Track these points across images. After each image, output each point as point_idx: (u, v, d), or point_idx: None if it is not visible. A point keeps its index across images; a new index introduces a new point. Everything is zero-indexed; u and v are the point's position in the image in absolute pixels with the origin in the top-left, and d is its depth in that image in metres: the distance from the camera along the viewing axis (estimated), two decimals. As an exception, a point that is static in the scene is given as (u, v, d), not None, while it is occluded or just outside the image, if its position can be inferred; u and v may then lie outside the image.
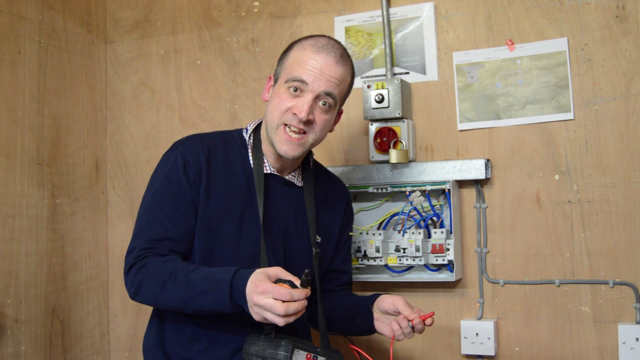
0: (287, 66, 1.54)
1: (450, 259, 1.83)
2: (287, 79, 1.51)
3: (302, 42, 1.55)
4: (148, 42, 2.31)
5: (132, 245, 1.48)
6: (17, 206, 1.97)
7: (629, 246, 1.75)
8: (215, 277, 1.36)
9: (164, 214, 1.48)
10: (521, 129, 1.86)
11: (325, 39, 1.55)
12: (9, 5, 1.98)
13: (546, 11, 1.84)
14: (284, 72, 1.54)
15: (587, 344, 1.78)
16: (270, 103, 1.55)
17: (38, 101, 2.07)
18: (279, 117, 1.51)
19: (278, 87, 1.54)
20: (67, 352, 2.12)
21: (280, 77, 1.54)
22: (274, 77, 1.58)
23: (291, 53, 1.55)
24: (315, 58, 1.50)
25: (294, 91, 1.50)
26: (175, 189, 1.50)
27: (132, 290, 1.45)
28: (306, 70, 1.49)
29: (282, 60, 1.57)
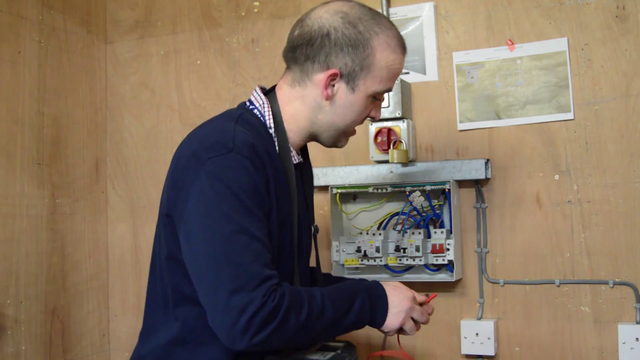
0: (377, 74, 1.32)
1: (450, 259, 1.83)
2: (379, 92, 1.34)
3: (389, 41, 1.33)
4: (148, 42, 2.31)
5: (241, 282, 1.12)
6: (17, 206, 1.97)
7: (629, 246, 1.75)
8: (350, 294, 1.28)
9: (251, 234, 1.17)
10: (521, 129, 1.86)
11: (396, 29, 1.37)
12: (9, 5, 1.98)
13: (546, 11, 1.84)
14: (371, 79, 1.32)
15: (587, 344, 1.78)
16: (346, 111, 1.34)
17: (38, 101, 2.07)
18: (356, 124, 1.38)
19: (360, 95, 1.33)
20: (67, 352, 2.12)
21: (364, 85, 1.32)
22: (343, 76, 1.31)
23: (379, 55, 1.31)
24: (403, 62, 1.38)
25: (376, 99, 1.37)
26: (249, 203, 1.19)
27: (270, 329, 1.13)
28: (396, 79, 1.38)
29: (364, 59, 1.30)
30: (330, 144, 1.42)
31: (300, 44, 1.33)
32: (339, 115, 1.35)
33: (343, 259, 1.95)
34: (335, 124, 1.36)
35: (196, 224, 1.18)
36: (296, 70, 1.36)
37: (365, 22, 1.31)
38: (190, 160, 1.23)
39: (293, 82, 1.37)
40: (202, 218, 1.17)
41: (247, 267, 1.14)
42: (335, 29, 1.30)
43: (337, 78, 1.32)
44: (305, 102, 1.35)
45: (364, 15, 1.32)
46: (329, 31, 1.30)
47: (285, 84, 1.38)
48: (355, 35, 1.30)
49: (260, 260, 1.16)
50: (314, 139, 1.41)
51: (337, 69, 1.31)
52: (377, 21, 1.33)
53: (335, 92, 1.33)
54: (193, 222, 1.18)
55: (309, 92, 1.34)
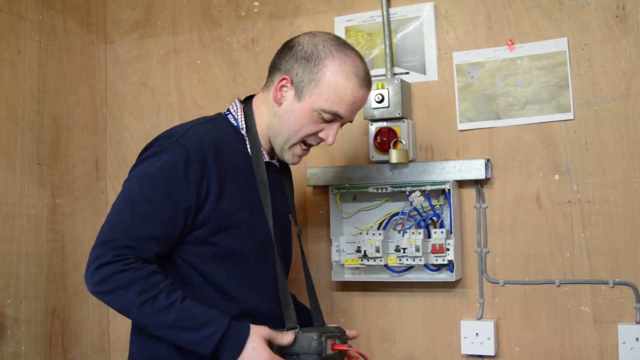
0: (323, 91, 1.43)
1: (450, 259, 1.83)
2: (324, 110, 1.44)
3: (343, 66, 1.44)
4: (148, 42, 2.31)
5: (110, 236, 1.32)
6: (17, 206, 1.97)
7: (629, 246, 1.75)
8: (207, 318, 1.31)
9: (152, 211, 1.34)
10: (521, 129, 1.86)
11: (362, 64, 1.47)
12: (9, 5, 1.98)
13: (546, 11, 1.84)
14: (317, 94, 1.43)
15: (587, 344, 1.78)
16: (290, 118, 1.46)
17: (38, 101, 2.07)
18: (301, 137, 1.47)
19: (304, 106, 1.44)
20: (67, 352, 2.12)
21: (310, 97, 1.44)
22: (294, 84, 1.45)
23: (329, 75, 1.43)
24: (360, 93, 1.45)
25: (323, 119, 1.45)
26: (170, 187, 1.35)
27: (103, 288, 1.30)
28: (348, 107, 1.44)
29: (314, 73, 1.43)
30: (279, 152, 1.52)
31: (274, 57, 1.52)
32: (284, 121, 1.47)
33: (343, 259, 1.95)
34: (281, 129, 1.48)
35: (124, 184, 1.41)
36: (268, 78, 1.53)
37: (328, 45, 1.45)
38: (146, 146, 1.46)
39: (264, 88, 1.54)
40: (127, 181, 1.41)
41: (123, 228, 1.33)
42: (299, 42, 1.48)
43: (287, 84, 1.46)
44: (267, 106, 1.51)
45: (331, 40, 1.47)
46: (293, 44, 1.48)
47: (260, 92, 1.56)
48: (312, 51, 1.45)
49: (136, 232, 1.32)
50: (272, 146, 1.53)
51: (288, 76, 1.46)
52: (341, 48, 1.46)
53: (285, 98, 1.47)
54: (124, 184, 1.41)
55: (269, 96, 1.50)
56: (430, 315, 1.93)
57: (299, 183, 2.08)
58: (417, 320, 1.94)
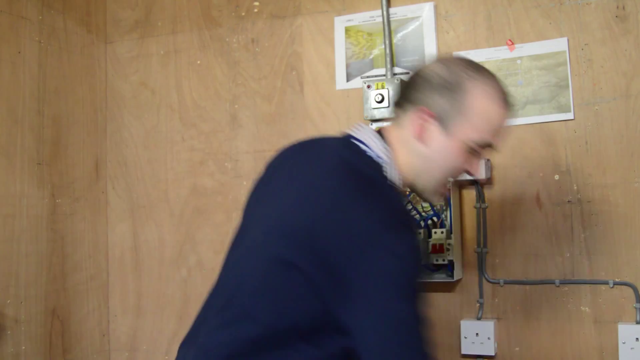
0: (474, 121, 1.24)
1: (450, 259, 1.83)
2: (476, 141, 1.25)
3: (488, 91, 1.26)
4: (148, 42, 2.31)
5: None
6: (17, 206, 1.97)
7: (629, 246, 1.75)
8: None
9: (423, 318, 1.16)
10: (521, 129, 1.86)
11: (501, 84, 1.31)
12: (9, 5, 1.98)
13: (546, 11, 1.84)
14: (466, 125, 1.24)
15: (587, 344, 1.78)
16: (442, 157, 1.27)
17: (38, 101, 2.07)
18: (450, 174, 1.30)
19: (454, 141, 1.25)
20: (67, 352, 2.12)
21: (459, 130, 1.24)
22: (437, 118, 1.25)
23: (476, 102, 1.24)
24: (506, 116, 1.29)
25: (472, 152, 1.27)
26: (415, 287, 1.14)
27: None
28: (497, 134, 1.27)
29: (458, 101, 1.24)
30: (424, 195, 1.33)
31: (403, 88, 1.32)
32: (435, 162, 1.27)
33: (343, 259, 1.94)
34: (431, 171, 1.28)
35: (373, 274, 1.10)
36: (398, 113, 1.32)
37: (462, 66, 1.28)
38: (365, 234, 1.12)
39: (393, 123, 1.33)
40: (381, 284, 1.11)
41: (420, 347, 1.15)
42: (432, 69, 1.28)
43: (430, 120, 1.26)
44: (407, 145, 1.28)
45: (463, 61, 1.30)
46: (426, 73, 1.29)
47: (390, 127, 1.33)
48: (449, 77, 1.26)
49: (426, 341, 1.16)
50: (411, 188, 1.33)
51: (429, 109, 1.25)
52: (477, 68, 1.29)
53: (430, 135, 1.26)
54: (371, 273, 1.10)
55: (405, 133, 1.29)
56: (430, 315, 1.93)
57: (299, 183, 2.08)
58: (417, 320, 1.94)
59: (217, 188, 2.19)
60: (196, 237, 2.21)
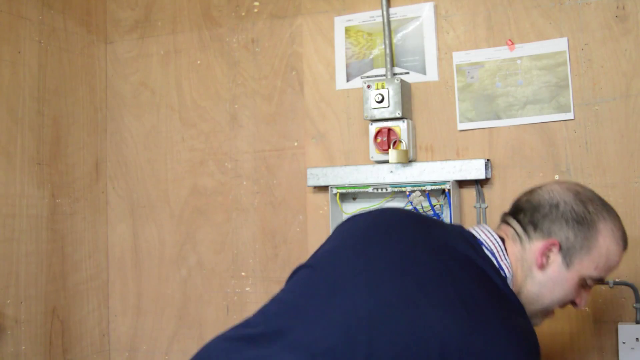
0: (594, 258, 1.29)
1: (450, 259, 1.83)
2: (592, 277, 1.30)
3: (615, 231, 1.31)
4: (148, 42, 2.31)
5: None
6: (17, 206, 1.97)
7: (629, 246, 1.74)
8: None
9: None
10: (521, 129, 1.86)
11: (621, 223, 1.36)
12: (9, 5, 1.98)
13: (546, 11, 1.84)
14: (587, 261, 1.28)
15: (587, 344, 1.77)
16: (556, 287, 1.30)
17: (38, 101, 2.07)
18: (559, 305, 1.34)
19: (573, 275, 1.29)
20: (67, 352, 2.12)
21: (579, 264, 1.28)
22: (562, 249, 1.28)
23: (602, 240, 1.29)
24: (622, 257, 1.34)
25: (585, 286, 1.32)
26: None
27: None
28: (611, 272, 1.33)
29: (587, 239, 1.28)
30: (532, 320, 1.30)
31: (527, 208, 1.34)
32: (548, 289, 1.30)
33: (343, 259, 1.94)
34: (542, 297, 1.31)
35: None
36: (518, 230, 1.33)
37: (596, 205, 1.31)
38: None
39: (514, 240, 1.33)
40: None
41: None
42: (565, 202, 1.31)
43: (555, 249, 1.29)
44: (525, 268, 1.31)
45: (595, 198, 1.34)
46: (558, 202, 1.31)
47: (511, 242, 1.33)
48: (584, 214, 1.29)
49: None
50: None
51: (557, 240, 1.29)
52: (607, 208, 1.33)
53: (550, 264, 1.30)
54: None
55: (526, 256, 1.31)
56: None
57: (299, 183, 2.09)
58: (417, 320, 1.94)
59: (217, 188, 2.20)
60: (196, 237, 2.21)
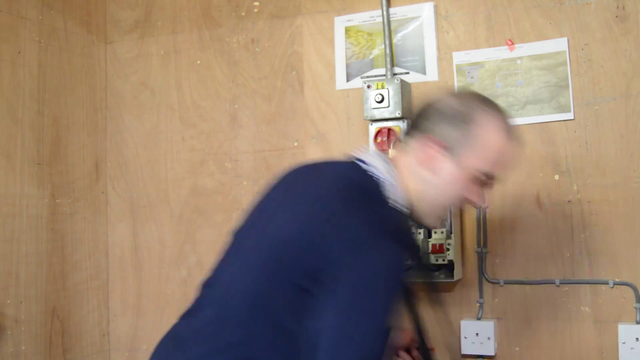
0: (482, 152, 1.29)
1: (450, 259, 1.83)
2: (484, 172, 1.30)
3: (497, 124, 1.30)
4: (148, 42, 2.31)
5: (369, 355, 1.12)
6: (17, 206, 1.97)
7: (629, 246, 1.75)
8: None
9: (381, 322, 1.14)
10: (521, 129, 1.85)
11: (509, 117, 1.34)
12: (9, 5, 1.98)
13: (546, 11, 1.84)
14: (475, 156, 1.28)
15: (587, 344, 1.78)
16: (447, 185, 1.30)
17: (38, 101, 2.07)
18: (452, 202, 1.33)
19: (462, 172, 1.29)
20: (67, 352, 2.12)
21: (467, 160, 1.28)
22: (446, 147, 1.28)
23: (486, 133, 1.29)
24: (515, 150, 1.33)
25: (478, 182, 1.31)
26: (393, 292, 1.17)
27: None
28: (505, 167, 1.32)
29: (467, 132, 1.28)
30: (422, 218, 1.34)
31: (414, 118, 1.36)
32: (441, 190, 1.31)
33: (343, 259, 1.94)
34: (436, 198, 1.32)
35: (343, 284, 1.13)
36: (407, 141, 1.35)
37: (475, 101, 1.32)
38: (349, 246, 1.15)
39: (400, 150, 1.36)
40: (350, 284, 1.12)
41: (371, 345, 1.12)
42: (444, 101, 1.32)
43: (438, 147, 1.29)
44: (414, 172, 1.31)
45: (475, 95, 1.35)
46: (437, 103, 1.33)
47: (398, 154, 1.36)
48: (461, 109, 1.29)
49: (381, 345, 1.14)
50: (411, 212, 1.34)
51: (438, 138, 1.29)
52: (489, 103, 1.33)
53: (439, 164, 1.30)
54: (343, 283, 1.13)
55: (412, 159, 1.32)
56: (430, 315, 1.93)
57: (299, 183, 2.08)
58: (417, 320, 1.94)
59: (217, 188, 2.20)
60: (196, 237, 2.21)
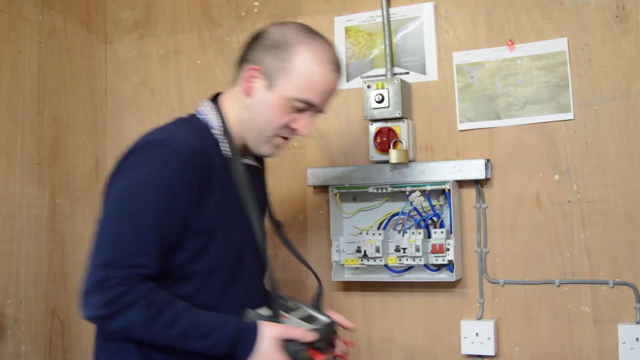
0: (295, 79, 1.35)
1: (450, 259, 1.83)
2: (297, 98, 1.36)
3: (313, 52, 1.36)
4: (148, 42, 2.31)
5: (113, 256, 1.25)
6: (17, 206, 1.97)
7: (629, 246, 1.75)
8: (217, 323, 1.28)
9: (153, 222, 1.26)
10: (521, 129, 1.86)
11: (333, 50, 1.41)
12: (9, 5, 1.98)
13: (546, 11, 1.84)
14: (288, 82, 1.35)
15: (587, 344, 1.78)
16: (263, 109, 1.38)
17: (38, 101, 2.07)
18: (274, 129, 1.39)
19: (278, 97, 1.36)
20: (67, 352, 2.12)
21: (282, 86, 1.36)
22: (264, 74, 1.37)
23: (300, 61, 1.35)
24: (332, 78, 1.38)
25: (296, 109, 1.37)
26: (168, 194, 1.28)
27: (107, 311, 1.23)
28: (319, 95, 1.36)
29: (284, 61, 1.36)
30: (254, 146, 1.42)
31: (241, 50, 1.46)
32: (256, 113, 1.39)
33: (343, 259, 1.95)
34: (254, 122, 1.39)
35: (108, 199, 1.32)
36: (236, 73, 1.45)
37: (297, 31, 1.39)
38: (125, 155, 1.35)
39: (232, 84, 1.46)
40: (114, 193, 1.31)
41: (126, 245, 1.24)
42: (267, 32, 1.42)
43: (257, 74, 1.38)
44: (237, 100, 1.42)
45: (300, 28, 1.42)
46: (261, 34, 1.42)
47: (229, 88, 1.47)
48: (281, 37, 1.38)
49: (141, 247, 1.25)
50: (244, 142, 1.43)
51: (257, 66, 1.38)
52: (310, 34, 1.40)
53: (255, 88, 1.39)
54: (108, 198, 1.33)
55: (237, 89, 1.43)
56: (430, 315, 1.93)
57: (299, 183, 2.08)
58: (417, 320, 1.94)
59: (217, 188, 2.19)
60: (196, 237, 2.21)
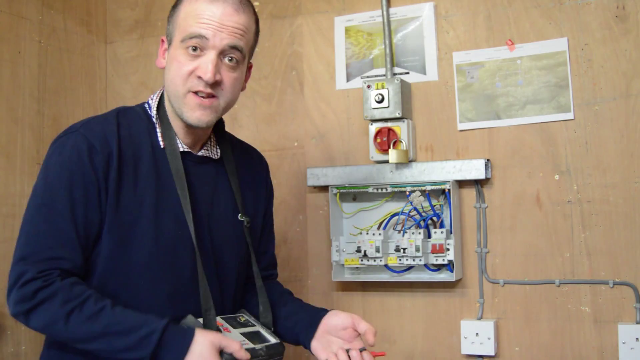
0: (179, 23, 1.34)
1: (450, 259, 1.83)
2: (183, 38, 1.32)
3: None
4: (148, 42, 2.31)
5: (28, 250, 1.24)
6: (17, 206, 1.97)
7: (629, 246, 1.75)
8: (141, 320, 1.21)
9: (66, 211, 1.24)
10: (521, 129, 1.86)
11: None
12: (9, 5, 1.98)
13: (546, 11, 1.84)
14: (177, 30, 1.34)
15: (587, 344, 1.78)
16: (168, 70, 1.35)
17: (38, 101, 2.06)
18: (183, 84, 1.32)
19: (174, 50, 1.34)
20: (67, 352, 2.11)
21: (175, 38, 1.35)
22: (167, 40, 1.39)
23: (182, 7, 1.36)
24: (211, 8, 1.32)
25: (193, 51, 1.31)
26: (79, 181, 1.26)
27: (24, 307, 1.20)
28: (203, 24, 1.31)
29: (173, 17, 1.37)
30: (180, 114, 1.36)
31: None
32: (167, 76, 1.37)
33: (343, 259, 1.95)
34: (168, 87, 1.37)
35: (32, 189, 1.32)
36: None
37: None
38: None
39: None
40: (33, 189, 1.31)
41: (40, 239, 1.24)
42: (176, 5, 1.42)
43: (163, 44, 1.41)
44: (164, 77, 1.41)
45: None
46: None
47: None
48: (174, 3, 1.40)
49: (58, 239, 1.23)
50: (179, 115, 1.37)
51: (164, 37, 1.41)
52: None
53: (164, 57, 1.40)
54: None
55: None
56: (430, 315, 1.93)
57: (299, 183, 2.08)
58: (417, 320, 1.94)
59: (217, 188, 2.19)
60: (196, 237, 2.21)
